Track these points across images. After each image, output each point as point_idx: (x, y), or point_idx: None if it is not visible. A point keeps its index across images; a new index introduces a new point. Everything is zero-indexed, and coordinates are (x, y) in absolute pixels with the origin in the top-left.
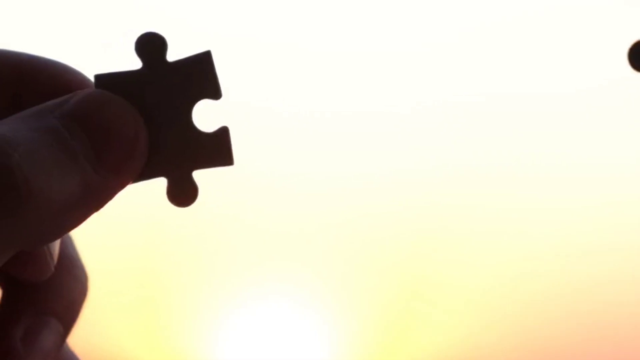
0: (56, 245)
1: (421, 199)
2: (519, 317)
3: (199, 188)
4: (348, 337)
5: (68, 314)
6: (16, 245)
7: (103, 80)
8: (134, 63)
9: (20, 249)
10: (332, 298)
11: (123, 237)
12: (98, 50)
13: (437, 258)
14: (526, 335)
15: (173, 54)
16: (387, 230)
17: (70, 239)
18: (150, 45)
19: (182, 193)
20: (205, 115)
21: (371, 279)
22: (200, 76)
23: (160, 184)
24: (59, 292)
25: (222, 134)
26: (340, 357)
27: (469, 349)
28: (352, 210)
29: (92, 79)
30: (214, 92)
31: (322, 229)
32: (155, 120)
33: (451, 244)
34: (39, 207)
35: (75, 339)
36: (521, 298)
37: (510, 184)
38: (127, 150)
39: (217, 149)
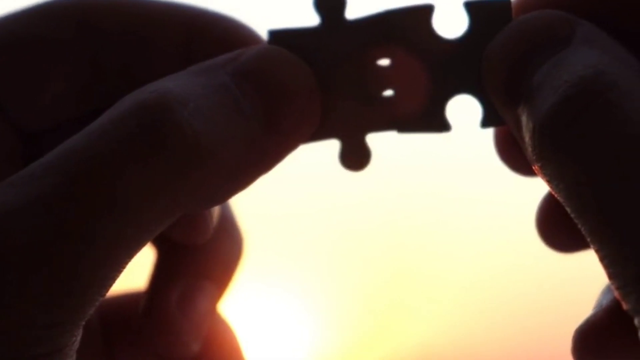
0: (216, 206)
1: (407, 190)
2: (506, 309)
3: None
4: (333, 328)
5: (223, 277)
6: (184, 207)
7: (277, 36)
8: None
9: (187, 211)
10: (316, 289)
11: None
12: None
13: (423, 249)
14: (513, 327)
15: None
16: (372, 221)
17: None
18: (330, 2)
19: (355, 157)
20: None
21: (356, 270)
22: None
23: None
24: (215, 255)
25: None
26: (326, 348)
27: (455, 341)
28: (336, 200)
29: (265, 35)
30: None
31: (305, 219)
32: (330, 80)
33: (438, 235)
34: (209, 167)
35: None
36: (508, 289)
37: (499, 176)
38: (299, 111)
39: (388, 113)
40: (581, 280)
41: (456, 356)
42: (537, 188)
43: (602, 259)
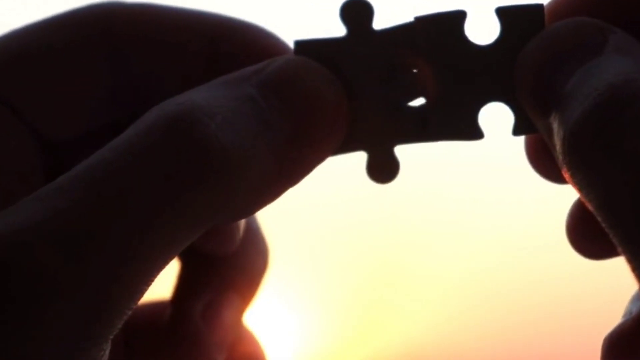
0: None
1: (393, 185)
2: (493, 307)
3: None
4: (318, 326)
5: (249, 289)
6: (211, 220)
7: (303, 46)
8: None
9: (214, 224)
10: (300, 287)
11: None
12: None
13: (410, 247)
14: (500, 324)
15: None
16: (359, 219)
17: None
18: (357, 11)
19: (382, 169)
20: None
21: (341, 267)
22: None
23: None
24: (241, 267)
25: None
26: (311, 347)
27: (442, 339)
28: (322, 198)
29: (291, 45)
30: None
31: (289, 216)
32: (358, 91)
33: (425, 233)
34: (236, 180)
35: None
36: (495, 286)
37: (487, 172)
38: (326, 123)
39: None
40: (571, 276)
41: (444, 354)
42: (525, 185)
43: (634, 269)
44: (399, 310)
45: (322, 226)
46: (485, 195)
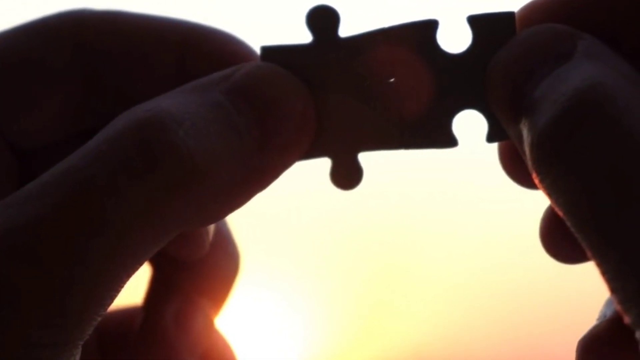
0: None
1: (394, 187)
2: (495, 308)
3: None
4: (322, 329)
5: (220, 293)
6: (180, 226)
7: (270, 52)
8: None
9: (183, 229)
10: (305, 290)
11: None
12: None
13: (412, 248)
14: (503, 325)
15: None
16: (361, 221)
17: None
18: (323, 19)
19: (346, 175)
20: None
21: (344, 269)
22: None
23: None
24: (212, 271)
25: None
26: (313, 349)
27: (445, 340)
28: (324, 199)
29: (258, 50)
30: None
31: (293, 219)
32: (323, 97)
33: (427, 234)
34: (205, 186)
35: None
36: (498, 289)
37: (488, 175)
38: (294, 129)
39: (387, 130)
40: (572, 276)
41: (446, 356)
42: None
43: (603, 274)
44: (402, 312)
45: (325, 228)
46: (488, 196)
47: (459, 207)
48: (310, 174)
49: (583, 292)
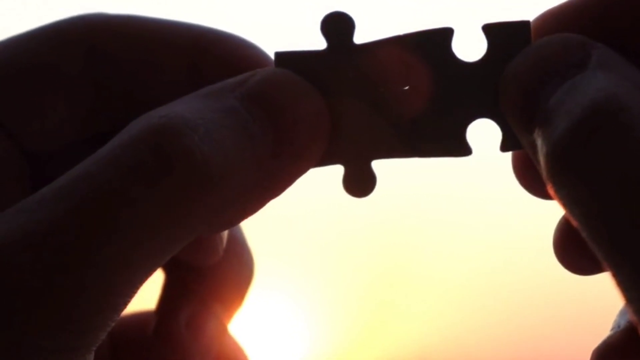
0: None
1: (398, 188)
2: (499, 308)
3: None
4: (327, 329)
5: (233, 298)
6: (194, 231)
7: (284, 58)
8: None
9: (197, 235)
10: (309, 290)
11: None
12: None
13: (416, 249)
14: (507, 326)
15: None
16: (366, 222)
17: None
18: (337, 25)
19: (359, 183)
20: None
21: (346, 270)
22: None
23: None
24: (225, 277)
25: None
26: (317, 349)
27: (449, 341)
28: (329, 201)
29: (272, 56)
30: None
31: (297, 220)
32: (337, 104)
33: (431, 235)
34: (219, 192)
35: None
36: (502, 289)
37: (492, 175)
38: (308, 134)
39: (401, 138)
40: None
41: (451, 357)
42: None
43: (618, 284)
44: (406, 313)
45: (329, 230)
46: (494, 198)
47: (464, 210)
48: (314, 177)
49: (584, 293)
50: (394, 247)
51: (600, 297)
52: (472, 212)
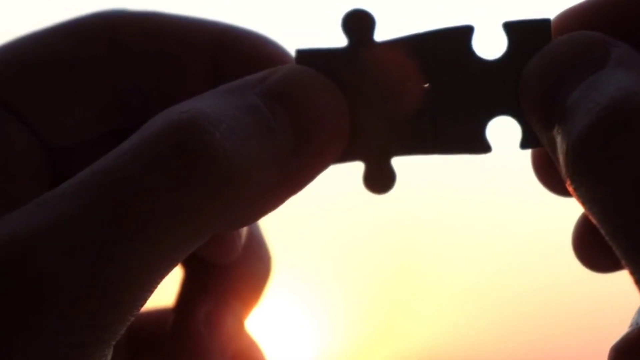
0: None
1: (408, 191)
2: (508, 309)
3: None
4: (337, 330)
5: (251, 296)
6: (215, 228)
7: (305, 55)
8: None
9: (217, 232)
10: (320, 291)
11: None
12: None
13: (427, 251)
14: (516, 327)
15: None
16: (377, 223)
17: None
18: (359, 23)
19: (379, 180)
20: None
21: (357, 272)
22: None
23: None
24: (243, 274)
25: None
26: (328, 351)
27: (459, 342)
28: (340, 201)
29: (293, 53)
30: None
31: (308, 221)
32: (358, 102)
33: (441, 237)
34: (240, 188)
35: None
36: (511, 290)
37: (502, 177)
38: (329, 133)
39: (421, 135)
40: (583, 280)
41: (461, 357)
42: (542, 189)
43: (636, 282)
44: (417, 314)
45: (341, 230)
46: (502, 200)
47: (478, 211)
48: (332, 174)
49: (600, 294)
50: (406, 248)
51: (611, 298)
52: (486, 214)
